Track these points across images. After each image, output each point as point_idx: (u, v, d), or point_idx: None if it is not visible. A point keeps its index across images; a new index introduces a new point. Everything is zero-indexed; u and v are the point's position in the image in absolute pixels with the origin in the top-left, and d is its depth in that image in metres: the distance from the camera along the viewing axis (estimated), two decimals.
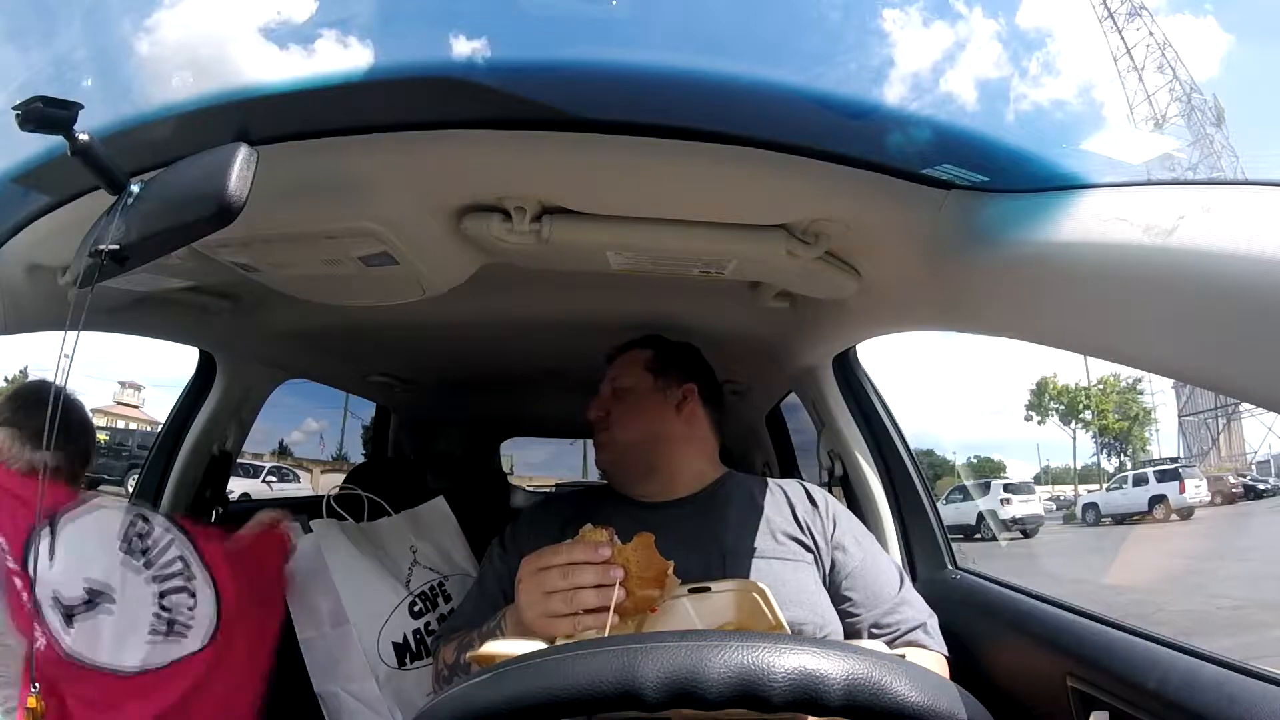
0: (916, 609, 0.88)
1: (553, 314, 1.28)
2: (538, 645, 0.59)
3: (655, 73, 0.60)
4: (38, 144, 0.64)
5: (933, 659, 0.84)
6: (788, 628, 0.69)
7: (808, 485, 1.02)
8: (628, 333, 1.12)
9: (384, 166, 0.69)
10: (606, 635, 0.65)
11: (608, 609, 0.67)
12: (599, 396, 1.06)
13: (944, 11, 0.62)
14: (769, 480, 1.02)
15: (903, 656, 0.50)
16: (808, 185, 0.69)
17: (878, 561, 0.93)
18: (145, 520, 0.97)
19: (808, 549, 0.91)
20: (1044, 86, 0.62)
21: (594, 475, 3.53)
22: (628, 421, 1.01)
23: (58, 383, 0.60)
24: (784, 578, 0.85)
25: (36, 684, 0.70)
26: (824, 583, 0.89)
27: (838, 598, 0.88)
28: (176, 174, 0.60)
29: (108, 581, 0.89)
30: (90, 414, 1.21)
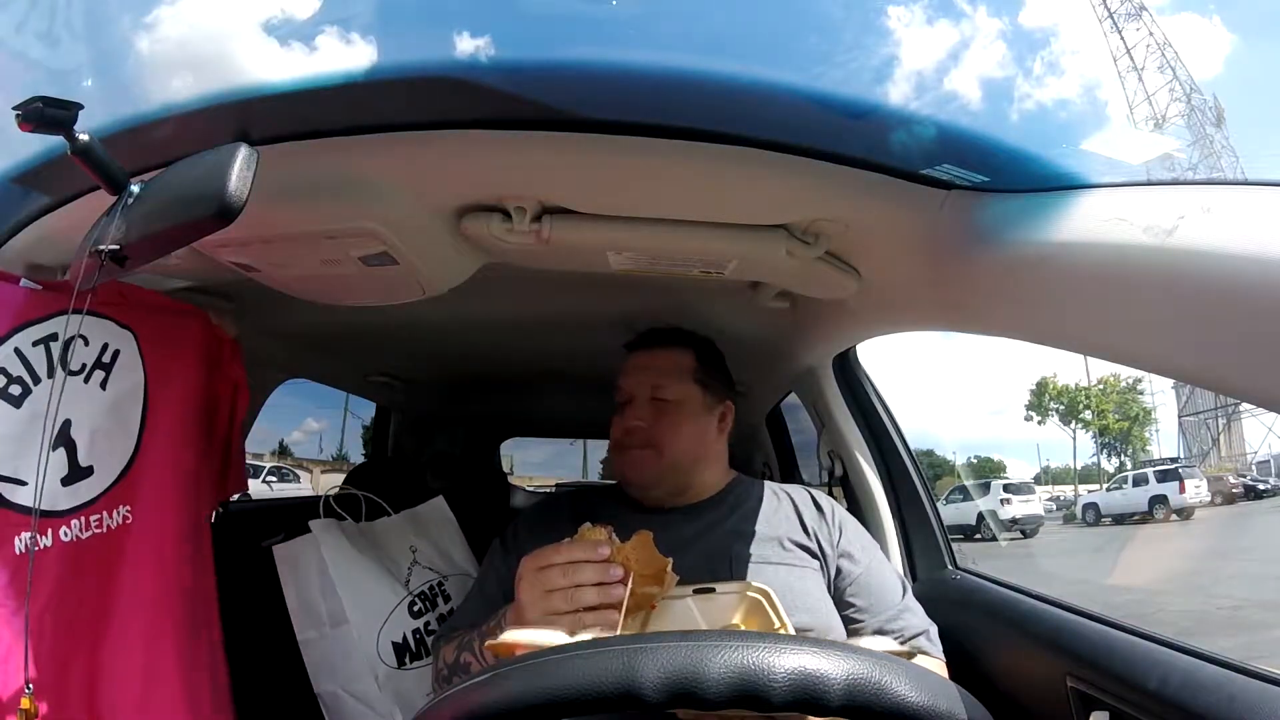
0: (919, 617, 0.89)
1: (553, 314, 1.28)
2: (557, 634, 0.58)
3: (655, 73, 0.60)
4: (38, 144, 0.64)
5: (934, 665, 0.85)
6: (791, 629, 0.70)
7: (814, 492, 1.02)
8: (628, 332, 1.10)
9: (384, 166, 0.69)
10: (617, 635, 0.64)
11: (608, 607, 0.67)
12: (634, 403, 0.99)
13: (943, 11, 0.62)
14: (776, 486, 1.02)
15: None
16: (808, 185, 0.69)
17: (882, 570, 0.93)
18: None
19: (814, 555, 0.91)
20: (1044, 86, 0.62)
21: (594, 475, 3.53)
22: (676, 440, 0.95)
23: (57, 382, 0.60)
24: (790, 584, 0.85)
25: (30, 684, 0.69)
26: (829, 589, 0.90)
27: (842, 604, 0.89)
28: (176, 174, 0.60)
29: None
30: None
